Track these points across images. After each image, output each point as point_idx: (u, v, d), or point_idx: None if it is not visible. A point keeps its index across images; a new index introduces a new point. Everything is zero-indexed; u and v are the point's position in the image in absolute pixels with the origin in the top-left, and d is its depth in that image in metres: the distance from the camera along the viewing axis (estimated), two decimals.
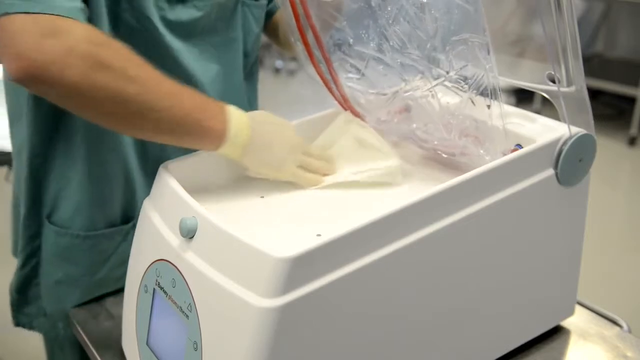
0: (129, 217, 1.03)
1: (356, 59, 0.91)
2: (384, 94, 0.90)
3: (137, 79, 0.76)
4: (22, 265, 1.03)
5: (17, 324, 1.08)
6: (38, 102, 0.93)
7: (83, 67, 0.73)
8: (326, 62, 0.89)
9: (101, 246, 1.01)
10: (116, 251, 1.03)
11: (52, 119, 0.95)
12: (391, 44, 0.86)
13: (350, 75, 0.91)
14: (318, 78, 0.91)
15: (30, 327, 1.08)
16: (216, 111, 0.83)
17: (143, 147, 0.99)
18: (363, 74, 0.91)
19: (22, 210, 1.00)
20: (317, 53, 0.88)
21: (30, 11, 0.72)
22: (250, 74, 1.13)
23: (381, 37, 0.87)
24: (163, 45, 0.93)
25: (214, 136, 0.82)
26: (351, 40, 0.89)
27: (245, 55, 1.09)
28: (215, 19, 1.00)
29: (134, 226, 0.98)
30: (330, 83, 0.90)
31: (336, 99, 0.93)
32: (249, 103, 1.13)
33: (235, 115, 0.84)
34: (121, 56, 0.77)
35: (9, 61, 0.72)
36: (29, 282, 1.04)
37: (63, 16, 0.74)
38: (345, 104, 0.93)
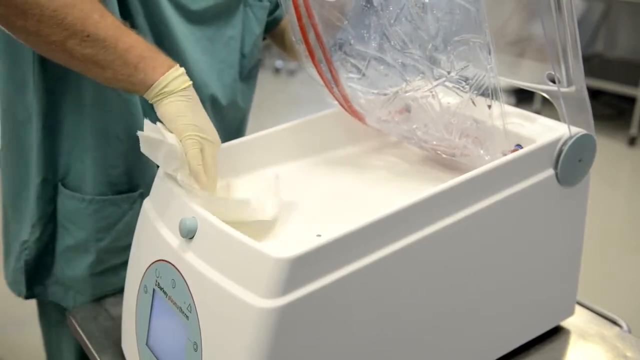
0: (135, 185, 1.03)
1: (357, 59, 0.90)
2: (385, 94, 0.90)
3: (79, 5, 0.78)
4: (40, 235, 1.04)
5: (32, 295, 1.09)
6: (45, 65, 0.94)
7: None
8: (327, 61, 0.89)
9: (106, 212, 1.02)
10: (122, 219, 1.03)
11: (60, 80, 0.96)
12: (392, 43, 0.86)
13: (351, 75, 0.91)
14: (318, 78, 0.91)
15: (45, 296, 1.08)
16: (163, 60, 0.84)
17: (151, 109, 1.00)
18: (364, 74, 0.91)
19: (37, 179, 1.01)
20: (318, 53, 0.88)
21: None
22: (249, 77, 1.13)
23: (382, 36, 0.87)
24: (165, 21, 0.95)
25: (149, 77, 0.82)
26: (352, 40, 0.89)
27: (243, 55, 1.09)
28: (216, 14, 1.01)
29: (141, 195, 0.97)
30: (331, 83, 0.91)
31: (336, 99, 0.93)
32: (243, 102, 1.13)
33: (180, 71, 0.84)
34: None
35: None
36: (46, 249, 1.05)
37: None
38: (345, 104, 0.93)
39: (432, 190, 0.74)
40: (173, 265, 0.76)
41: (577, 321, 0.99)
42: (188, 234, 0.74)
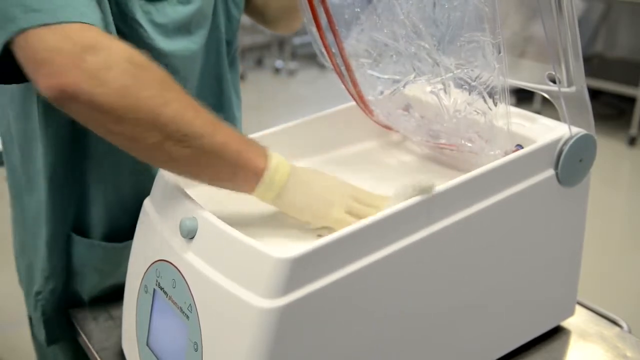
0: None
1: (369, 45, 0.92)
2: (395, 80, 0.91)
3: (173, 104, 0.72)
4: (55, 286, 1.02)
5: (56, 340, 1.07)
6: (52, 124, 0.92)
7: (119, 85, 0.69)
8: (339, 48, 0.90)
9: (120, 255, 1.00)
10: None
11: (69, 142, 0.94)
12: (404, 32, 0.87)
13: (362, 60, 0.93)
14: (330, 64, 0.92)
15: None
16: (257, 147, 0.78)
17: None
18: (375, 60, 0.92)
19: (48, 231, 0.98)
20: (329, 36, 0.89)
21: (57, 21, 0.69)
22: (233, 62, 1.12)
23: (394, 25, 0.88)
24: (154, 49, 0.91)
25: (252, 170, 0.76)
26: (364, 28, 0.90)
27: (228, 43, 1.09)
28: (203, 12, 0.99)
29: None
30: (341, 67, 0.91)
31: (346, 86, 0.94)
32: (235, 94, 1.12)
33: (276, 155, 0.79)
34: (158, 79, 0.73)
35: (44, 78, 0.69)
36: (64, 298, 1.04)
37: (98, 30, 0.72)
38: (354, 89, 0.94)
39: None
40: (173, 265, 0.76)
41: (577, 321, 0.99)
42: (188, 234, 0.74)
